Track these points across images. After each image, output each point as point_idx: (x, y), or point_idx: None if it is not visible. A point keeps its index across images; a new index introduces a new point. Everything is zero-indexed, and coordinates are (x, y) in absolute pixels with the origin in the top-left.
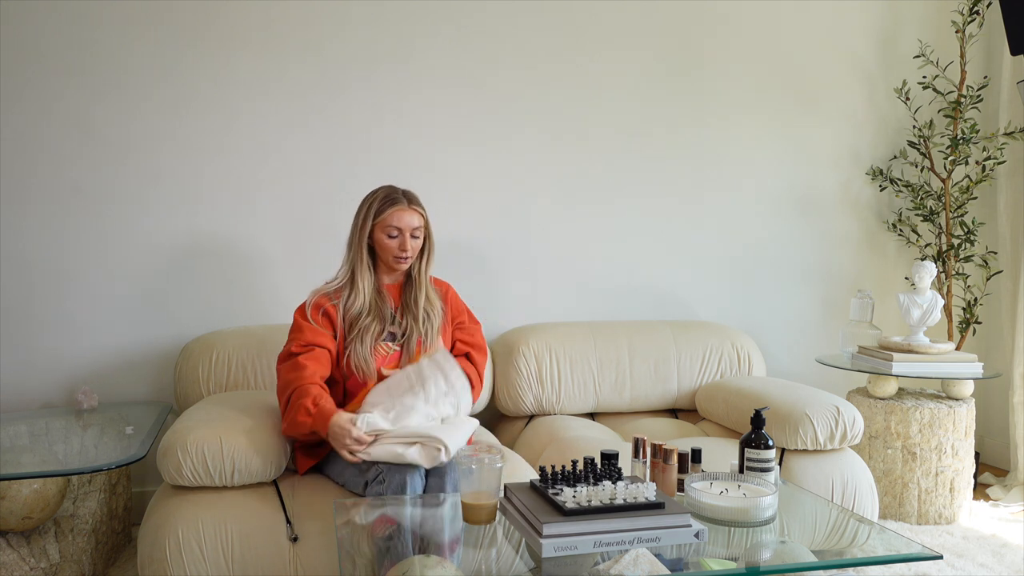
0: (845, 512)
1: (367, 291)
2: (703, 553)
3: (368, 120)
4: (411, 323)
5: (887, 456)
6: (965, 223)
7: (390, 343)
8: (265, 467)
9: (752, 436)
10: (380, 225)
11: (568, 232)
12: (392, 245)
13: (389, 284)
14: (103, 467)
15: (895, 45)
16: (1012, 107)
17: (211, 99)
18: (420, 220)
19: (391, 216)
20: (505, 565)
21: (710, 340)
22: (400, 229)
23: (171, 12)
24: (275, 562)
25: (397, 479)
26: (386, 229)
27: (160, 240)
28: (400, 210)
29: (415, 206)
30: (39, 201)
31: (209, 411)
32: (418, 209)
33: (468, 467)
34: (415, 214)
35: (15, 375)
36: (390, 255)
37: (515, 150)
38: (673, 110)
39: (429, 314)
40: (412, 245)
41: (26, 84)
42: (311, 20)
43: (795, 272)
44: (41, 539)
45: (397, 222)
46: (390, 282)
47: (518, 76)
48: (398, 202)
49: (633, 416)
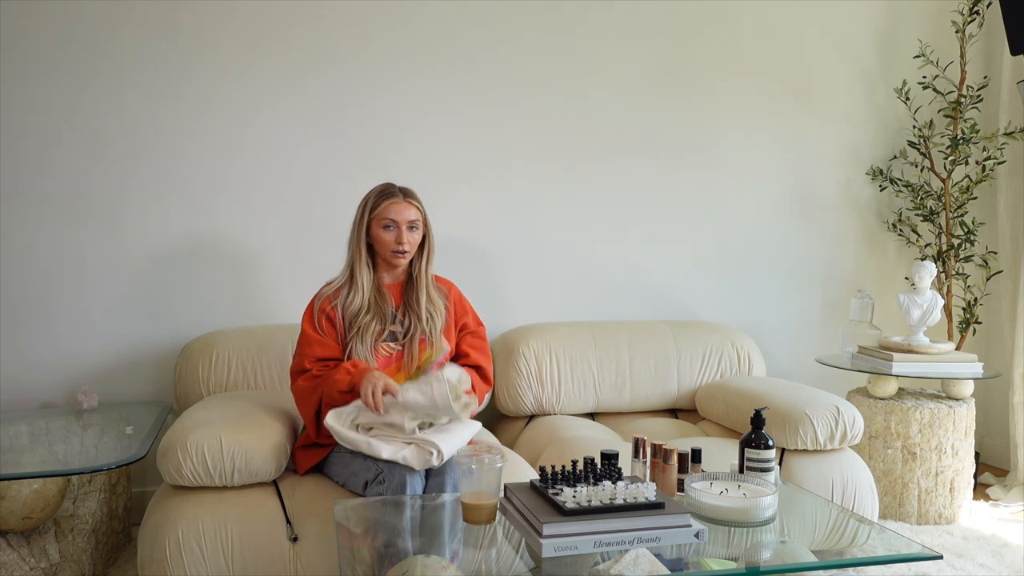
0: (845, 512)
1: (366, 288)
2: (703, 553)
3: (367, 120)
4: (413, 323)
5: (887, 456)
6: (965, 223)
7: (391, 343)
8: (265, 467)
9: (752, 436)
10: (376, 219)
11: (568, 232)
12: (388, 238)
13: (390, 284)
14: (103, 467)
15: (895, 45)
16: (1012, 107)
17: (211, 100)
18: (416, 213)
19: (386, 209)
20: (505, 565)
21: (710, 340)
22: (395, 221)
23: (172, 13)
24: (275, 562)
25: (397, 479)
26: (382, 222)
27: (160, 240)
28: (395, 202)
29: (410, 199)
30: (39, 201)
31: (209, 411)
32: (414, 203)
33: (468, 467)
34: (411, 207)
35: (15, 375)
36: (387, 249)
37: (515, 150)
38: (673, 110)
39: (432, 314)
40: (409, 238)
41: (26, 84)
42: (310, 22)
43: (795, 272)
44: (41, 539)
45: (392, 214)
46: (391, 281)
47: (518, 76)
48: (393, 195)
49: (633, 416)
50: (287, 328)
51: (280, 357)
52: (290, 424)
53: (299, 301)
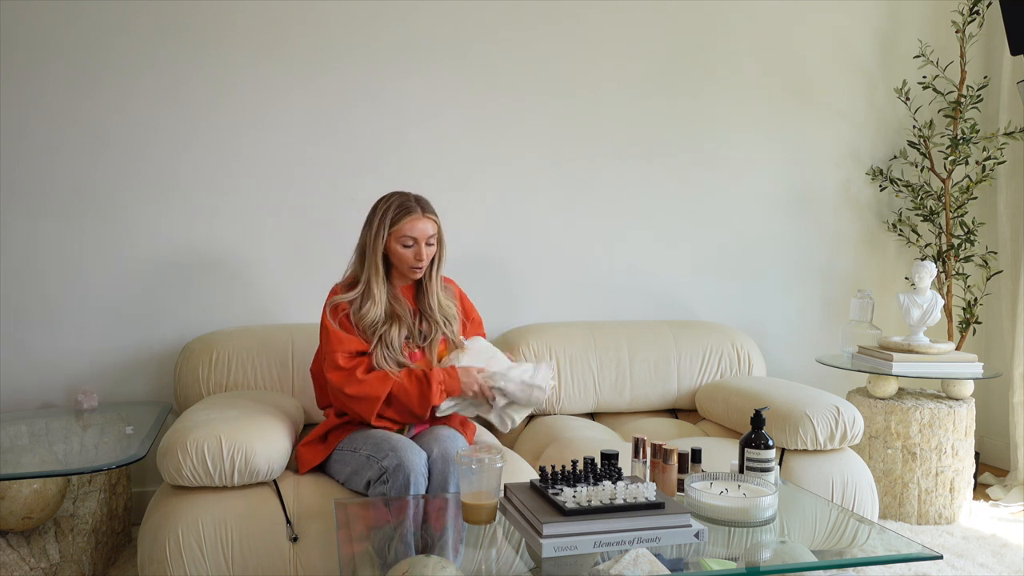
0: (845, 512)
1: (383, 301)
2: (703, 553)
3: (368, 122)
4: (431, 326)
5: (887, 456)
6: (965, 223)
7: (409, 341)
8: (265, 467)
9: (752, 436)
10: (395, 235)
11: (568, 232)
12: (408, 255)
13: (402, 287)
14: (103, 467)
15: (895, 45)
16: (1012, 107)
17: (213, 102)
18: (435, 228)
19: (406, 226)
20: (505, 565)
21: (710, 340)
22: (415, 239)
23: (174, 15)
24: (275, 562)
25: (402, 479)
26: (401, 239)
27: (160, 240)
28: (415, 219)
29: (429, 214)
30: (39, 201)
31: (209, 411)
32: (432, 217)
33: (468, 467)
34: (430, 222)
35: (15, 375)
36: (406, 265)
37: (515, 151)
38: (673, 110)
39: (447, 317)
40: (427, 253)
41: (26, 84)
42: (312, 25)
43: (795, 272)
44: (41, 539)
45: (413, 232)
46: (402, 284)
47: (518, 79)
48: (412, 211)
49: (633, 416)
50: (287, 328)
51: (280, 357)
52: (290, 424)
53: (299, 301)
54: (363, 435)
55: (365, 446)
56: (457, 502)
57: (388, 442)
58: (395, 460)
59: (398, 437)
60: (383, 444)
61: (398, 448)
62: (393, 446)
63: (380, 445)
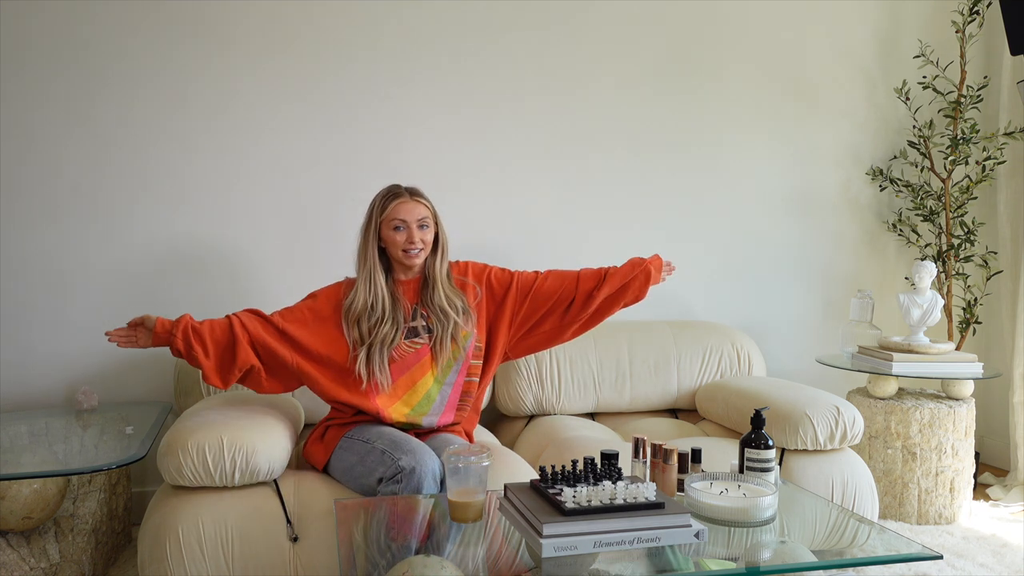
0: (845, 512)
1: (376, 293)
2: (703, 553)
3: (367, 120)
4: (434, 320)
5: (887, 456)
6: (965, 223)
7: (416, 339)
8: (265, 467)
9: (752, 436)
10: (385, 221)
11: (568, 232)
12: (399, 239)
13: (406, 280)
14: (103, 467)
15: (895, 45)
16: (1012, 107)
17: (212, 100)
18: (425, 211)
19: (394, 209)
20: (505, 565)
21: (710, 340)
22: (405, 221)
23: (173, 12)
24: (275, 562)
25: (415, 482)
26: (391, 223)
27: (160, 240)
28: (402, 202)
29: (417, 197)
30: (39, 201)
31: (209, 411)
32: (422, 200)
33: (455, 465)
34: (419, 205)
35: (15, 375)
36: (399, 249)
37: (515, 150)
38: (673, 110)
39: (448, 314)
40: (421, 236)
41: (26, 83)
42: (311, 23)
43: (795, 272)
44: (41, 539)
45: (401, 214)
46: (407, 278)
47: (517, 77)
48: (399, 195)
49: (633, 416)
50: None
51: None
52: (291, 424)
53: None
54: (376, 429)
55: (380, 440)
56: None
57: (408, 443)
58: (412, 462)
59: (415, 440)
60: (402, 444)
61: (416, 451)
62: (412, 448)
63: (399, 444)
